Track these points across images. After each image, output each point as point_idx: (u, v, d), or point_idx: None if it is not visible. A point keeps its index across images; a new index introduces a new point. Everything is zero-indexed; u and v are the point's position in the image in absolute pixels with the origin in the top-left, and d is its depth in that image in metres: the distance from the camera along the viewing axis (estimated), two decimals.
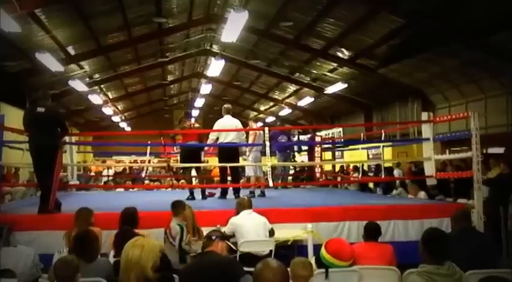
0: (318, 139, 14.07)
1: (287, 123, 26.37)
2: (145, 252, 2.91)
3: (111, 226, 5.31)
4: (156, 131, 8.02)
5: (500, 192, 7.90)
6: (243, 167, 9.66)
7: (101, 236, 4.76)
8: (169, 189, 10.99)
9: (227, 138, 8.34)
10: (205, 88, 23.03)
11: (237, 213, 5.69)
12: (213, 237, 3.76)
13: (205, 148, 9.30)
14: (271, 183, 7.77)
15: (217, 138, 8.47)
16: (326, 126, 26.28)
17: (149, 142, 11.67)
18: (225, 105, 8.85)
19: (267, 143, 7.72)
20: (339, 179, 14.43)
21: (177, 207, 5.45)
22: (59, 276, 3.30)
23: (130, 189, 12.57)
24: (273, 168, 8.54)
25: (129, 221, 5.17)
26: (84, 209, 5.36)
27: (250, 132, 9.19)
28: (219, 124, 8.52)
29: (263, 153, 8.76)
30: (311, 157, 12.29)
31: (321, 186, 12.47)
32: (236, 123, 8.50)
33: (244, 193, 8.50)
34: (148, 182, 14.84)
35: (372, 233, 4.80)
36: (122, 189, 12.57)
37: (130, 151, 21.25)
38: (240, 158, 9.08)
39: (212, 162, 13.37)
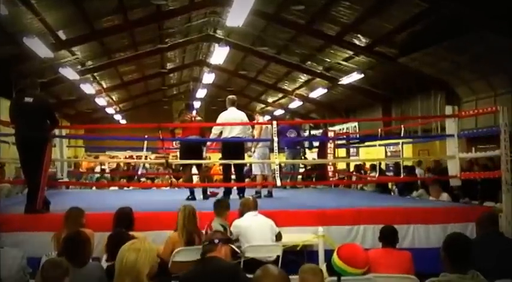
0: (331, 134, 14.02)
1: (297, 117, 26.38)
2: (141, 257, 2.91)
3: (104, 228, 5.32)
4: (154, 124, 7.99)
5: None
6: (248, 165, 9.63)
7: (92, 238, 4.76)
8: (168, 188, 11.01)
9: (231, 132, 8.33)
10: (208, 77, 23.10)
11: (241, 215, 5.70)
12: (216, 241, 3.73)
13: (208, 143, 9.31)
14: (279, 183, 7.76)
15: (221, 133, 8.47)
16: (340, 120, 26.12)
17: (146, 136, 11.69)
18: (230, 97, 8.83)
19: (275, 139, 7.70)
20: (353, 178, 14.42)
21: (220, 206, 5.48)
22: (46, 278, 3.29)
23: (125, 188, 12.60)
24: (281, 166, 8.53)
25: (123, 223, 5.19)
26: (74, 209, 5.38)
27: (256, 126, 9.19)
28: (222, 117, 8.50)
29: (270, 150, 8.81)
30: (323, 154, 12.26)
31: (334, 187, 12.41)
32: (241, 116, 8.50)
33: (249, 193, 8.48)
34: (145, 180, 14.90)
35: (388, 238, 4.80)
36: (116, 188, 12.62)
37: (126, 146, 21.30)
38: (246, 155, 9.08)
39: (215, 158, 13.34)
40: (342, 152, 16.13)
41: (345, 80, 18.86)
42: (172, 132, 9.19)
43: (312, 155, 14.31)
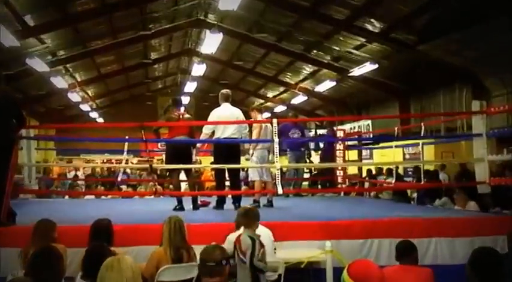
0: (340, 134, 14.05)
1: (301, 114, 26.39)
2: (122, 276, 2.91)
3: (79, 243, 5.29)
4: (136, 123, 7.87)
5: None
6: (245, 170, 9.66)
7: (65, 254, 4.74)
8: (152, 196, 10.87)
9: (225, 132, 8.38)
10: (198, 69, 23.09)
11: (237, 227, 5.66)
12: (224, 262, 3.76)
13: (198, 145, 9.29)
14: (280, 190, 7.68)
15: (213, 133, 8.50)
16: (351, 117, 26.24)
17: (127, 137, 11.51)
18: (223, 91, 8.85)
19: (276, 139, 7.64)
20: (366, 185, 14.38)
21: (249, 216, 5.46)
22: None
23: (103, 197, 12.53)
24: (283, 170, 8.81)
25: (101, 237, 5.18)
26: (44, 221, 5.36)
27: (255, 125, 9.18)
28: (215, 114, 8.53)
29: (270, 152, 8.80)
30: (331, 157, 12.25)
31: (344, 194, 12.34)
32: (237, 113, 8.54)
33: (246, 202, 8.46)
34: (126, 187, 14.83)
35: (406, 253, 4.82)
36: (93, 197, 12.58)
37: (103, 148, 21.21)
38: (242, 158, 9.08)
39: (206, 162, 13.30)
40: (353, 154, 16.10)
41: (356, 72, 18.86)
42: (157, 133, 9.16)
43: (318, 158, 14.28)
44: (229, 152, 8.33)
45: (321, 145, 12.79)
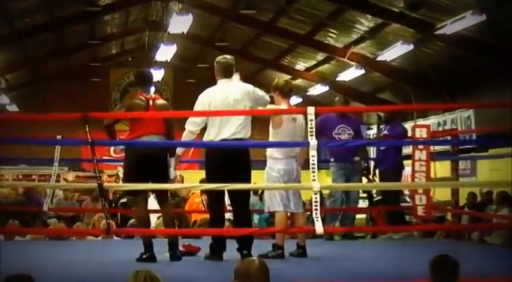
0: (419, 134, 10.44)
1: (354, 100, 19.26)
2: None
3: None
4: (75, 113, 6.08)
5: None
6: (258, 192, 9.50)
7: None
8: (102, 237, 9.07)
9: (224, 130, 6.50)
10: (179, 21, 16.47)
11: None
12: None
13: (179, 150, 7.27)
14: (319, 229, 5.88)
15: (204, 130, 6.66)
16: (438, 106, 18.55)
17: (59, 137, 9.29)
18: (221, 59, 6.80)
19: (312, 142, 5.88)
20: (464, 220, 11.35)
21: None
22: None
23: (18, 238, 10.33)
24: (323, 194, 7.60)
25: None
26: None
27: (274, 118, 7.06)
28: (206, 100, 6.61)
29: (303, 163, 6.86)
30: (396, 172, 9.47)
31: (426, 235, 10.11)
32: (246, 95, 6.57)
33: (259, 249, 6.60)
34: (56, 221, 12.00)
35: None
36: (1, 238, 10.16)
37: (18, 157, 16.15)
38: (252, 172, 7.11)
39: (192, 179, 10.89)
40: (443, 167, 11.99)
41: (449, 28, 13.58)
42: (110, 130, 6.99)
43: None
44: (231, 162, 6.51)
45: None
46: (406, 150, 10.23)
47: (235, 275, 4.21)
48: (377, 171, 9.75)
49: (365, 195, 11.49)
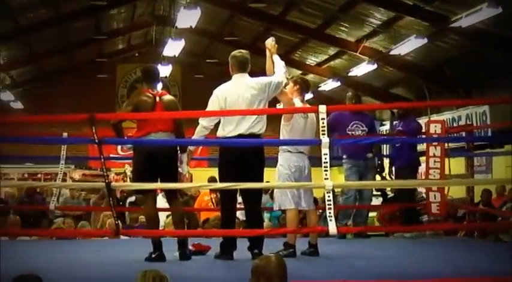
0: (433, 129, 10.22)
1: (367, 96, 19.74)
2: None
3: None
4: (82, 114, 6.02)
5: None
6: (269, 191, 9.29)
7: None
8: (109, 238, 8.75)
9: (241, 124, 6.40)
10: (187, 15, 16.45)
11: None
12: None
13: (189, 148, 7.13)
14: (332, 228, 5.83)
15: (218, 126, 6.54)
16: (453, 102, 18.70)
17: (65, 134, 9.21)
18: (236, 53, 6.71)
19: (324, 139, 5.90)
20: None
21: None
22: None
23: (22, 237, 10.13)
24: (336, 192, 7.75)
25: None
26: None
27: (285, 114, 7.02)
28: (221, 95, 6.49)
29: (314, 161, 6.80)
30: (412, 169, 9.18)
31: (445, 234, 9.78)
32: (263, 84, 6.54)
33: (270, 248, 6.47)
34: (63, 221, 11.66)
35: None
36: (6, 238, 9.92)
37: (24, 155, 16.08)
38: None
39: (202, 178, 10.74)
40: (458, 164, 12.05)
41: (464, 21, 13.49)
42: (117, 128, 6.89)
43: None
44: (246, 159, 6.42)
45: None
46: (420, 146, 9.99)
47: (252, 273, 4.22)
48: (393, 168, 9.50)
49: (379, 192, 11.33)
